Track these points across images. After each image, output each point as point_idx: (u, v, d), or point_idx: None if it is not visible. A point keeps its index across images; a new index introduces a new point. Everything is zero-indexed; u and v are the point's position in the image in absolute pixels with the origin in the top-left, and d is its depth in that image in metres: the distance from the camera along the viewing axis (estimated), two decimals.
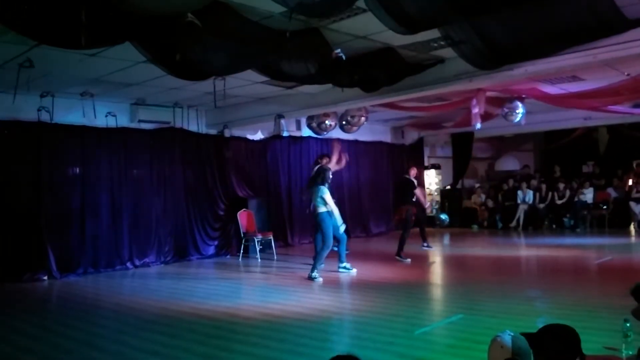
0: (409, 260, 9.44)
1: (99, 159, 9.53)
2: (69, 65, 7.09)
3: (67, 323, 6.14)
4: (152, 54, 5.74)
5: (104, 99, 9.36)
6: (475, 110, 9.71)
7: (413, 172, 10.37)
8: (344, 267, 8.53)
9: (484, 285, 7.46)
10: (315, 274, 8.01)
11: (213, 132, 11.22)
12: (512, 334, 2.52)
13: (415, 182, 10.38)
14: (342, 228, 8.40)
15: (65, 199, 9.09)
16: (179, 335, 5.30)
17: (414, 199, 10.12)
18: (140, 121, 9.93)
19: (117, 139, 9.72)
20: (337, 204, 8.62)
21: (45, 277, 8.66)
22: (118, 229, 9.69)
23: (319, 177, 8.38)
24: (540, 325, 2.73)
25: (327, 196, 8.20)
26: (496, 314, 5.61)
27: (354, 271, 8.50)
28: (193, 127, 10.82)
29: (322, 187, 8.23)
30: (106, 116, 9.53)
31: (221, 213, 11.20)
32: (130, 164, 9.96)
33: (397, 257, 9.55)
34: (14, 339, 5.41)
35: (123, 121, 9.81)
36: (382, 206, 14.41)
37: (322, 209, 8.17)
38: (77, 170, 9.36)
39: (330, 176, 8.52)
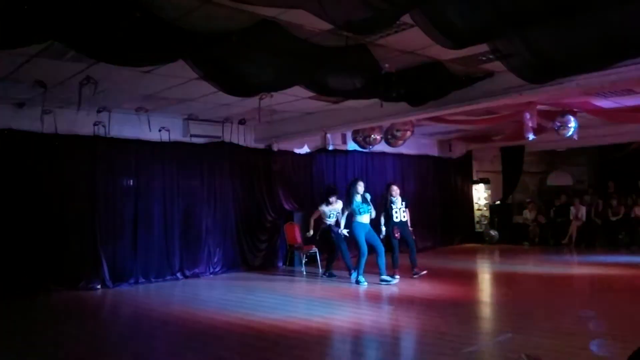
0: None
1: (152, 171, 9.83)
2: (124, 82, 7.39)
3: (118, 332, 6.34)
4: (204, 71, 5.92)
5: (158, 114, 9.68)
6: (529, 123, 9.51)
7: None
8: (353, 275, 8.98)
9: (534, 303, 7.26)
10: (359, 277, 8.76)
11: (261, 146, 11.41)
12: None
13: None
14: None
15: (119, 210, 9.41)
16: (228, 347, 5.38)
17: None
18: (192, 136, 10.22)
19: (170, 152, 10.02)
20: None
21: (99, 286, 8.96)
22: (169, 240, 9.95)
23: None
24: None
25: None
26: (546, 334, 5.45)
27: (353, 278, 8.86)
28: (242, 142, 11.03)
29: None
30: (160, 130, 9.84)
31: (268, 225, 11.33)
32: (182, 177, 10.23)
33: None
34: (67, 344, 5.64)
35: (176, 135, 10.12)
36: (429, 221, 14.21)
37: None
38: (131, 182, 9.68)
39: (357, 189, 8.98)
